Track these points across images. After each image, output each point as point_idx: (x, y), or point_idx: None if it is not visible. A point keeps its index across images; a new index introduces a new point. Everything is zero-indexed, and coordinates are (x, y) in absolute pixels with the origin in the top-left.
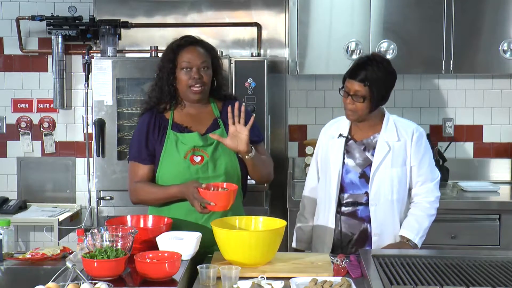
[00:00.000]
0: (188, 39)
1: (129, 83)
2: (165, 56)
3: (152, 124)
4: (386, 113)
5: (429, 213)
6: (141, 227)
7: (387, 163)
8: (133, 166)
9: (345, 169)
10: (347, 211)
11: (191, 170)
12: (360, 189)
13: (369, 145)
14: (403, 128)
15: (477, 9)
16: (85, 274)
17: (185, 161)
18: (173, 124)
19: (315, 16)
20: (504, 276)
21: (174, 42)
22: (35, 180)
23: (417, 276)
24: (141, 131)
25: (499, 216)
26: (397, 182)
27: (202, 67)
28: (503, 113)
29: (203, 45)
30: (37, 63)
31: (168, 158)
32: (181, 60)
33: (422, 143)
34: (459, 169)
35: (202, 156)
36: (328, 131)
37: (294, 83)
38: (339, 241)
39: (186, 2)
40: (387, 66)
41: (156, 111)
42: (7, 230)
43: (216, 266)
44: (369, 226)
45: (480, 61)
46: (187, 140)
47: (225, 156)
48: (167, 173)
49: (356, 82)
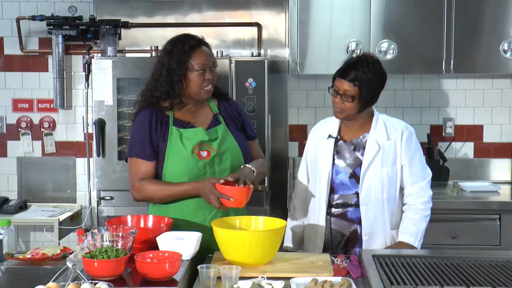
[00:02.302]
0: (197, 40)
1: (129, 83)
2: (174, 56)
3: (154, 120)
4: (376, 113)
5: (424, 215)
6: (141, 227)
7: (377, 162)
8: (135, 163)
9: (335, 170)
10: (337, 213)
11: (199, 165)
12: (351, 189)
13: (359, 145)
14: (393, 127)
15: (477, 9)
16: (85, 274)
17: (192, 156)
18: (174, 120)
19: (315, 16)
20: (504, 276)
21: (184, 43)
22: (35, 180)
23: (417, 276)
24: (143, 127)
25: (499, 216)
26: (388, 182)
27: (213, 67)
28: (503, 113)
29: (207, 45)
30: (37, 63)
31: (175, 154)
32: (195, 62)
33: (412, 142)
34: (460, 169)
35: (208, 151)
36: (317, 132)
37: (294, 83)
38: (329, 242)
39: (186, 2)
40: (377, 67)
41: (155, 108)
42: (8, 230)
43: (216, 266)
44: (359, 227)
45: (481, 61)
46: (192, 135)
47: (230, 151)
48: (175, 169)
49: (346, 82)
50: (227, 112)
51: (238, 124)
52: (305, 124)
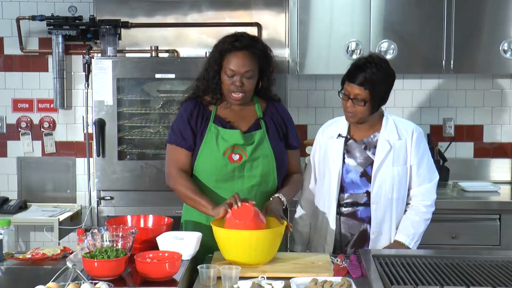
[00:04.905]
0: (238, 44)
1: (129, 83)
2: (213, 54)
3: (195, 113)
4: (385, 113)
5: (425, 218)
6: (141, 227)
7: (389, 161)
8: (175, 151)
9: (345, 168)
10: (347, 212)
11: (228, 168)
12: (361, 188)
13: (369, 144)
14: (403, 127)
15: (477, 9)
16: (85, 274)
17: (223, 158)
18: (215, 117)
19: (315, 16)
20: (504, 276)
21: (225, 42)
22: (35, 180)
23: (417, 276)
24: (185, 117)
25: (499, 216)
26: (398, 181)
27: (246, 76)
28: (503, 113)
29: (252, 50)
30: (37, 63)
31: (207, 152)
32: (226, 65)
33: (422, 143)
34: (460, 169)
35: (240, 155)
36: (326, 131)
37: (294, 83)
38: (338, 242)
39: (186, 2)
40: (386, 67)
41: (200, 101)
42: (8, 230)
43: (216, 266)
44: (368, 226)
45: (480, 61)
46: (229, 136)
47: (263, 158)
48: (204, 168)
49: (356, 86)
50: (272, 117)
51: (280, 131)
52: (305, 124)
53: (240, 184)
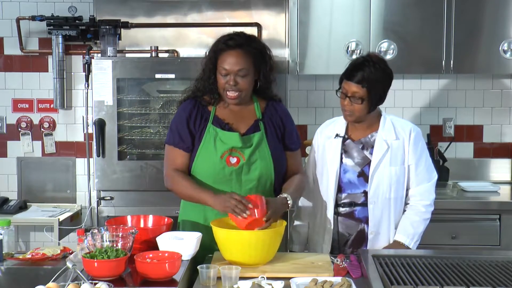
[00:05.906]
0: (231, 43)
1: (129, 83)
2: (209, 53)
3: (194, 113)
4: (383, 113)
5: (424, 218)
6: (141, 227)
7: (386, 161)
8: (172, 151)
9: (343, 168)
10: (344, 212)
11: (226, 171)
12: (359, 188)
13: (367, 144)
14: (401, 127)
15: (477, 9)
16: (85, 274)
17: (221, 161)
18: (214, 117)
19: (315, 16)
20: (504, 276)
21: (219, 42)
22: (35, 180)
23: (417, 276)
24: (184, 117)
25: (499, 216)
26: (395, 181)
27: (239, 75)
28: (503, 113)
29: (246, 49)
30: (37, 63)
31: (205, 155)
32: (220, 64)
33: (420, 142)
34: (459, 169)
35: (238, 158)
36: (324, 131)
37: (294, 83)
38: (335, 242)
39: (186, 2)
40: (384, 67)
41: (199, 101)
42: (8, 230)
43: (216, 266)
44: (366, 226)
45: (480, 61)
46: (227, 139)
47: (261, 161)
48: (201, 170)
49: (354, 84)
50: (271, 118)
51: (278, 133)
52: (305, 124)
53: (237, 187)
